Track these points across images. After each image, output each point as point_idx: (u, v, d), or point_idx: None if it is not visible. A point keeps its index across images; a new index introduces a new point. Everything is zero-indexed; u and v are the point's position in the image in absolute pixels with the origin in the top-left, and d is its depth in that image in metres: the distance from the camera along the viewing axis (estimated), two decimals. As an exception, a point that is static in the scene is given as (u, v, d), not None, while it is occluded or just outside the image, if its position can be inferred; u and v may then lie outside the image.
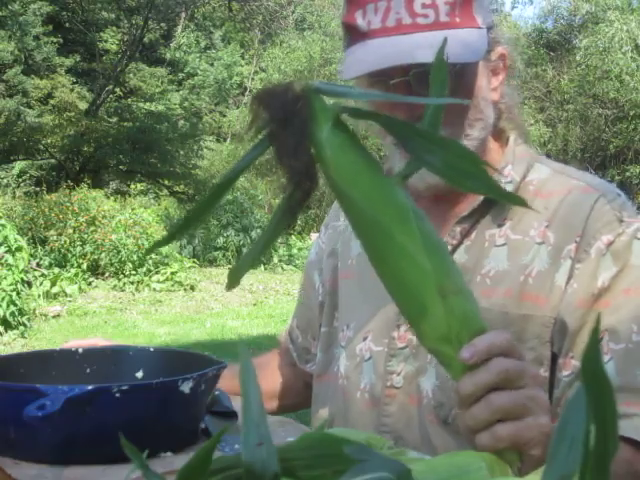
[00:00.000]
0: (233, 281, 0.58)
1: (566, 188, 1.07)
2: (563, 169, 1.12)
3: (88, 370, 1.11)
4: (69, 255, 9.84)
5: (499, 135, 1.14)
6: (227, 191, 0.55)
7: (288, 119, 0.53)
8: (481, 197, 1.07)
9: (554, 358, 1.02)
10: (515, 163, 1.11)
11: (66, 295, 8.78)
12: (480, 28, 1.02)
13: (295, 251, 13.10)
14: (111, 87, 17.35)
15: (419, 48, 0.97)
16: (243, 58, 22.43)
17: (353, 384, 1.14)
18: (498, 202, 1.07)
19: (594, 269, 1.01)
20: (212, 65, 21.13)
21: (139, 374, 1.10)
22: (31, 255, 8.53)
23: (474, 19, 1.02)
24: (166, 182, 17.59)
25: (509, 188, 1.07)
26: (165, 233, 0.55)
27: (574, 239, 1.02)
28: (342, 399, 1.16)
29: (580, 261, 1.02)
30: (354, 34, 1.02)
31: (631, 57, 16.39)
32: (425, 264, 0.59)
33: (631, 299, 0.99)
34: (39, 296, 8.31)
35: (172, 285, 9.85)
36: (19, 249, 7.29)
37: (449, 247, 1.07)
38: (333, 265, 1.25)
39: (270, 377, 1.38)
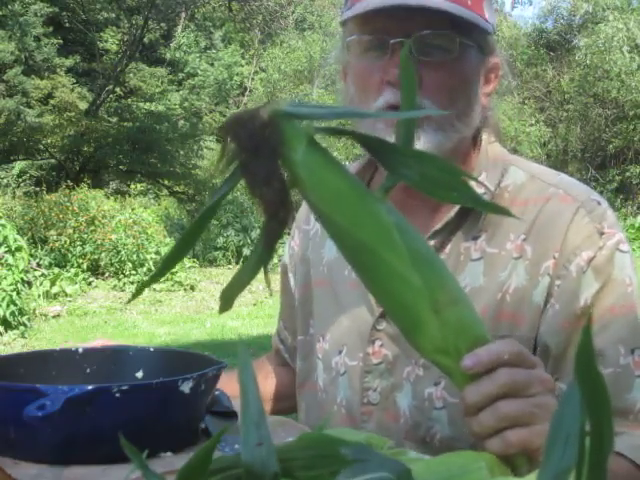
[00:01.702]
0: (226, 303, 0.57)
1: (543, 196, 1.03)
2: (539, 172, 1.07)
3: (88, 370, 1.10)
4: (69, 255, 9.84)
5: (475, 138, 1.10)
6: (206, 225, 0.54)
7: (257, 148, 0.52)
8: (455, 209, 1.04)
9: None
10: (489, 169, 1.06)
11: (66, 295, 8.78)
12: (487, 22, 1.01)
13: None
14: (111, 87, 17.34)
15: (429, 2, 0.94)
16: (243, 58, 22.42)
17: (330, 398, 1.13)
18: (472, 214, 1.04)
19: (575, 288, 0.97)
20: (212, 65, 21.12)
21: (139, 374, 1.10)
22: (31, 255, 8.52)
23: (483, 10, 1.01)
24: (166, 182, 17.58)
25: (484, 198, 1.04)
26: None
27: (552, 255, 0.99)
28: (321, 412, 1.15)
29: (559, 278, 0.98)
30: None
31: (630, 57, 16.39)
32: (415, 281, 0.58)
33: (616, 318, 0.96)
34: (39, 296, 8.30)
35: (172, 285, 9.84)
36: (19, 249, 7.28)
37: None
38: (305, 271, 1.22)
39: (263, 380, 1.35)
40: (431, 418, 1.02)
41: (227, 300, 0.57)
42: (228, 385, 1.05)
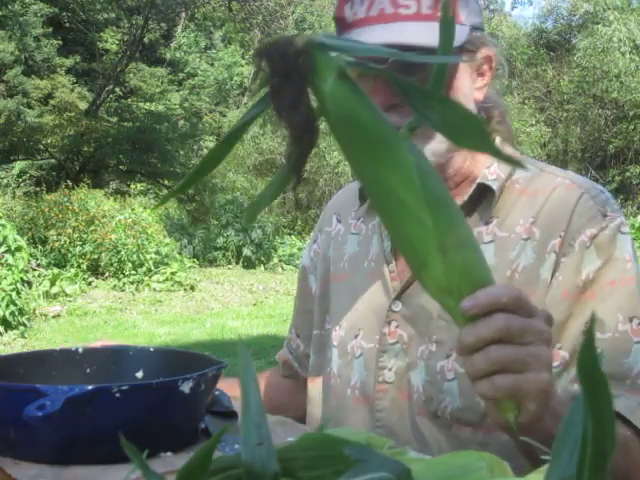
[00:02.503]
0: (250, 218, 0.62)
1: (551, 186, 1.09)
2: (548, 168, 1.14)
3: (88, 370, 1.11)
4: (69, 255, 9.85)
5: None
6: (233, 146, 0.56)
7: (288, 73, 0.53)
8: (468, 194, 1.09)
9: None
10: (501, 162, 1.11)
11: (66, 295, 8.78)
12: (462, 25, 1.03)
13: (295, 251, 13.11)
14: (111, 87, 17.34)
15: (398, 33, 0.99)
16: (243, 58, 22.42)
17: (344, 382, 1.16)
18: (484, 200, 1.10)
19: (578, 262, 1.03)
20: (212, 65, 21.13)
21: (139, 374, 1.10)
22: (31, 255, 8.53)
23: (456, 15, 1.03)
24: (166, 182, 17.57)
25: (495, 186, 1.09)
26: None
27: (559, 234, 1.04)
28: (334, 398, 1.17)
29: (565, 255, 1.04)
30: (342, 26, 1.04)
31: (630, 57, 16.40)
32: (426, 220, 0.59)
33: (616, 290, 1.02)
34: (39, 296, 8.31)
35: (172, 285, 9.85)
36: (19, 249, 7.29)
37: None
38: (325, 269, 1.27)
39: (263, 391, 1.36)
40: (442, 391, 1.06)
41: (251, 215, 0.61)
42: (229, 391, 1.07)
